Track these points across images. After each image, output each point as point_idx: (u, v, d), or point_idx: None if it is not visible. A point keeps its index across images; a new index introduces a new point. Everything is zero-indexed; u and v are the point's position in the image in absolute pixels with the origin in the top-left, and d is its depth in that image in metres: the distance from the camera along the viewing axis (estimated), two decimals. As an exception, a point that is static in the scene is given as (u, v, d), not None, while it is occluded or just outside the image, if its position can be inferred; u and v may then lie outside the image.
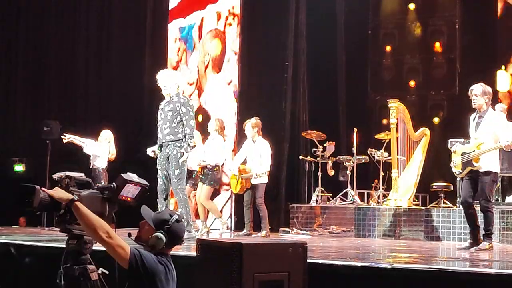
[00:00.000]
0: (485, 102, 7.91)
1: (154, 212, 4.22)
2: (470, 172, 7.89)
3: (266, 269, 4.26)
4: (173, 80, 8.60)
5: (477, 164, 7.81)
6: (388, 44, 14.40)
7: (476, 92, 7.90)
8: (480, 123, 7.92)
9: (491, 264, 6.64)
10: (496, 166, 7.93)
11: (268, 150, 10.51)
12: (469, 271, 5.43)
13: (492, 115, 7.97)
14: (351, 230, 10.84)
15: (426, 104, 13.87)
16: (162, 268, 4.01)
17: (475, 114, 8.03)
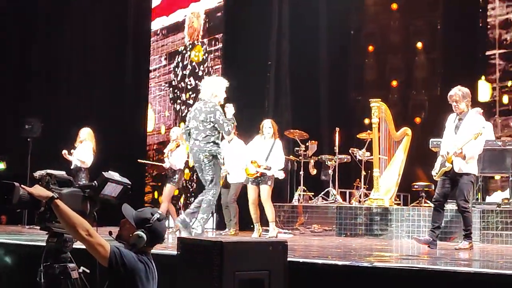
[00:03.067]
0: (466, 105, 7.96)
1: (135, 210, 4.21)
2: (448, 173, 7.93)
3: (247, 267, 4.26)
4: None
5: (449, 165, 7.85)
6: (371, 44, 14.46)
7: (456, 98, 7.92)
8: (460, 126, 7.96)
9: (471, 263, 6.68)
10: (475, 168, 7.98)
11: (243, 149, 10.54)
12: (449, 270, 5.46)
13: (472, 117, 8.00)
14: (333, 229, 10.87)
15: (408, 104, 13.95)
16: (142, 266, 4.00)
17: (454, 116, 8.06)
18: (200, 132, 8.29)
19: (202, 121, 8.30)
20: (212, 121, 8.24)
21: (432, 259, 6.91)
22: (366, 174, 11.88)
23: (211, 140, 8.25)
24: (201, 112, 8.34)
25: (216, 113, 8.26)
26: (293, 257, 5.78)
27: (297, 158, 12.18)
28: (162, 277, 4.25)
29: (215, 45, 14.12)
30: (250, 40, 13.50)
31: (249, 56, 13.40)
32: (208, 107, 8.32)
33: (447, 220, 9.61)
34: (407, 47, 14.19)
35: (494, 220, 9.59)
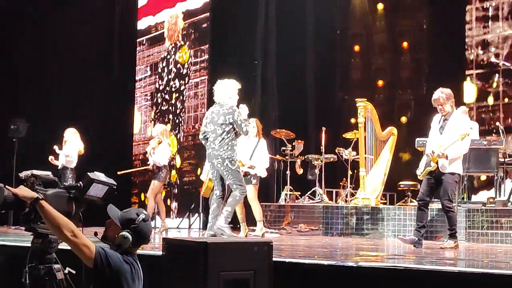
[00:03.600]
0: (451, 106, 8.00)
1: (121, 211, 4.21)
2: (433, 172, 7.97)
3: (232, 267, 4.27)
4: None
5: (434, 164, 7.89)
6: (357, 44, 14.50)
7: (441, 101, 7.95)
8: (445, 126, 7.99)
9: (456, 262, 6.71)
10: (459, 167, 8.02)
11: None
12: (434, 269, 5.49)
13: (457, 117, 8.04)
14: (319, 228, 10.89)
15: (393, 104, 14.01)
16: (128, 267, 4.00)
17: (440, 116, 8.10)
18: (217, 136, 8.37)
19: (221, 124, 8.36)
20: (231, 122, 8.32)
21: (418, 258, 6.94)
22: (353, 173, 11.91)
23: (225, 143, 8.35)
24: (219, 115, 8.40)
25: (234, 114, 8.37)
26: (279, 257, 5.80)
27: (284, 158, 12.19)
28: (147, 277, 4.25)
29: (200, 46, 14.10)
30: (236, 40, 13.50)
31: (235, 55, 13.40)
32: (225, 109, 8.40)
33: (433, 219, 9.65)
34: (393, 47, 14.24)
35: (479, 219, 9.64)
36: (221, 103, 8.49)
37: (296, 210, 11.37)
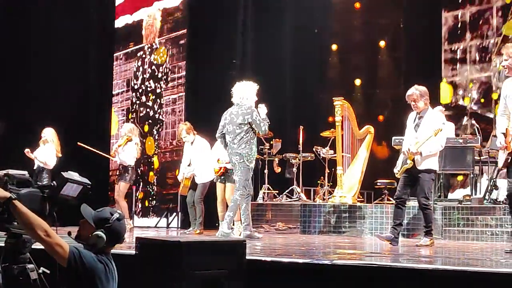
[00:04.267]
0: (424, 103, 8.05)
1: (94, 210, 4.19)
2: (410, 170, 8.02)
3: (205, 267, 4.27)
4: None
5: (410, 162, 7.95)
6: (334, 43, 14.54)
7: (414, 97, 8.02)
8: (420, 124, 8.05)
9: (432, 260, 6.75)
10: (435, 165, 8.07)
11: (204, 148, 10.55)
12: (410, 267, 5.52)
13: (432, 115, 8.09)
14: (297, 226, 10.92)
15: (371, 102, 14.06)
16: (102, 267, 3.99)
17: (414, 114, 8.16)
18: (236, 135, 8.63)
19: (240, 124, 8.64)
20: (249, 122, 8.58)
21: (394, 256, 6.98)
22: (330, 172, 11.96)
23: (244, 142, 8.62)
24: (238, 115, 8.67)
25: (253, 114, 8.64)
26: (255, 256, 5.82)
27: (262, 157, 12.21)
28: (122, 277, 4.25)
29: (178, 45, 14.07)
30: (214, 38, 13.48)
31: (213, 54, 13.38)
32: (244, 110, 8.68)
33: (410, 217, 9.72)
34: (370, 46, 14.31)
35: (455, 216, 9.72)
36: (239, 104, 8.78)
37: (274, 209, 11.39)
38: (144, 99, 14.60)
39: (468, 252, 7.57)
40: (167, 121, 14.08)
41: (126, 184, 11.03)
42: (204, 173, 10.53)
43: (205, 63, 13.42)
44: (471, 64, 13.20)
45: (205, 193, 10.67)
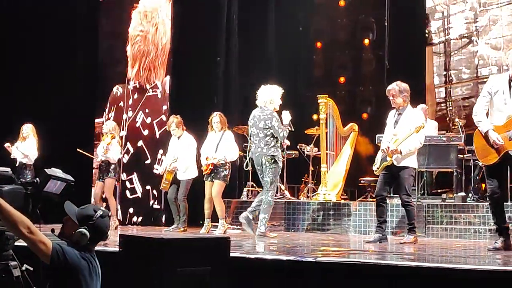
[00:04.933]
0: (403, 99, 8.08)
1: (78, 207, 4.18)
2: (389, 167, 8.05)
3: (189, 264, 4.26)
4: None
5: (390, 159, 7.97)
6: (319, 41, 14.56)
7: (393, 92, 8.07)
8: (399, 120, 8.09)
9: (416, 257, 6.78)
10: (413, 162, 8.10)
11: (191, 145, 10.54)
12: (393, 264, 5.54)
13: (411, 112, 8.12)
14: (281, 224, 10.92)
15: (355, 100, 14.09)
16: (85, 264, 3.98)
17: (394, 111, 8.21)
18: (261, 138, 8.84)
19: (262, 128, 8.84)
20: (269, 127, 8.78)
21: (378, 253, 7.00)
22: (314, 169, 11.98)
23: (271, 145, 8.81)
24: (260, 119, 8.88)
25: (273, 120, 8.82)
26: (239, 253, 5.81)
27: (246, 154, 12.19)
28: (105, 274, 4.23)
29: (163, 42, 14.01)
30: (199, 36, 13.44)
31: (197, 52, 13.34)
32: (265, 114, 8.88)
33: (393, 215, 9.75)
34: (354, 44, 14.34)
35: (439, 214, 9.76)
36: (262, 107, 8.98)
37: (259, 206, 11.38)
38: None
39: (451, 250, 7.61)
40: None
41: (113, 180, 11.04)
42: (189, 170, 10.51)
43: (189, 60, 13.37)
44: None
45: (188, 190, 10.64)
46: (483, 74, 12.62)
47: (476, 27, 12.92)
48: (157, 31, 13.91)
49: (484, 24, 12.84)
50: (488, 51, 12.70)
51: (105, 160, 10.95)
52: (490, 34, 12.74)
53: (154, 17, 13.97)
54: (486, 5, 12.84)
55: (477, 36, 12.88)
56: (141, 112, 13.80)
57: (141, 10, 14.18)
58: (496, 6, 12.73)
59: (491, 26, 12.76)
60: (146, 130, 13.47)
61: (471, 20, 13.04)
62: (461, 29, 13.15)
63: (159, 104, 13.49)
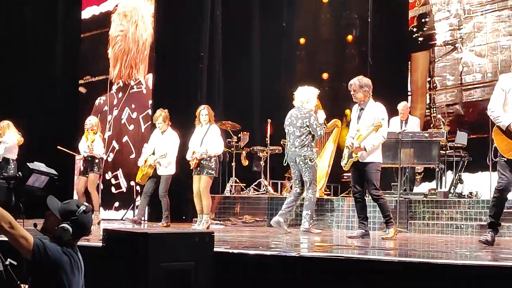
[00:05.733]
0: (364, 94, 8.13)
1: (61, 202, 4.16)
2: (355, 164, 8.10)
3: (173, 259, 4.25)
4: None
5: (356, 155, 8.01)
6: (302, 37, 14.56)
7: (354, 87, 8.16)
8: (361, 116, 8.13)
9: (398, 252, 6.81)
10: (378, 157, 8.14)
11: (175, 141, 10.52)
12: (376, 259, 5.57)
13: (372, 106, 8.17)
14: (264, 219, 10.94)
15: (338, 96, 14.10)
16: (67, 259, 3.96)
17: (356, 106, 8.26)
18: (296, 137, 9.07)
19: (300, 127, 9.05)
20: (307, 125, 8.99)
21: (360, 248, 7.04)
22: (297, 165, 11.97)
23: (305, 144, 9.03)
24: (297, 118, 9.09)
25: (311, 118, 9.05)
26: (222, 248, 5.82)
27: (229, 149, 12.21)
28: (89, 269, 4.22)
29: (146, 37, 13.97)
30: (182, 31, 13.42)
31: (181, 47, 13.32)
32: (303, 113, 9.09)
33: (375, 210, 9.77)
34: (338, 40, 14.35)
35: (421, 210, 9.81)
36: (299, 107, 9.17)
37: (241, 202, 11.40)
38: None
39: (433, 245, 7.65)
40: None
41: (97, 175, 11.01)
42: (170, 166, 10.48)
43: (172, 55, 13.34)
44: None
45: (168, 186, 10.57)
46: (467, 81, 12.67)
47: (461, 34, 12.99)
48: (137, 28, 13.90)
49: (469, 31, 12.92)
50: (472, 58, 12.79)
51: (88, 155, 10.91)
52: (475, 41, 12.81)
53: (133, 15, 13.96)
54: (470, 12, 12.90)
55: (462, 43, 12.96)
56: (126, 108, 13.78)
57: (120, 12, 14.20)
58: (480, 13, 12.80)
59: (475, 33, 12.83)
60: (132, 125, 13.47)
61: (455, 27, 13.11)
62: (445, 35, 13.22)
63: (144, 99, 13.51)
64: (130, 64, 13.95)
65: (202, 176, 9.61)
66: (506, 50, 12.31)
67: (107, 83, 14.14)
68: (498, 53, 12.41)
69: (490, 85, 11.91)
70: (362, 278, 5.26)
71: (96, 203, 10.97)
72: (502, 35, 12.43)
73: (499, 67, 12.34)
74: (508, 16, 12.38)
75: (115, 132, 13.39)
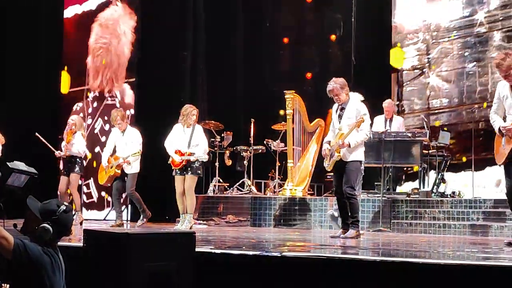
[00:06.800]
0: (346, 94, 8.16)
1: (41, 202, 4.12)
2: (337, 164, 8.10)
3: (154, 259, 4.22)
4: None
5: (338, 154, 8.01)
6: (286, 36, 14.56)
7: (336, 91, 8.13)
8: (342, 115, 8.14)
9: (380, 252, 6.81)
10: (360, 155, 8.14)
11: (139, 138, 10.43)
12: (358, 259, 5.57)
13: (353, 105, 8.17)
14: (248, 219, 10.94)
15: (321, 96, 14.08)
16: (48, 259, 3.93)
17: (336, 105, 8.25)
18: None
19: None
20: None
21: (343, 248, 7.04)
22: (281, 164, 11.99)
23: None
24: None
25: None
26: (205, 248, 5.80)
27: (213, 149, 12.18)
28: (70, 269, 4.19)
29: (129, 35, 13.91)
30: (165, 30, 13.38)
31: (164, 46, 13.27)
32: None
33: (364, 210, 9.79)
34: (321, 40, 14.35)
35: (403, 209, 9.84)
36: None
37: (225, 202, 11.39)
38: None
39: (416, 244, 7.66)
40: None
41: (78, 176, 10.93)
42: (135, 164, 10.36)
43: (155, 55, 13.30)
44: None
45: (135, 183, 10.44)
46: (435, 106, 12.73)
47: (428, 59, 13.10)
48: (119, 43, 13.89)
49: (436, 56, 13.02)
50: (439, 83, 12.89)
51: (69, 155, 10.82)
52: (442, 66, 12.93)
53: (115, 29, 13.95)
54: (438, 37, 13.01)
55: (429, 67, 13.06)
56: (100, 119, 13.80)
57: (102, 22, 14.17)
58: (447, 39, 12.91)
59: (442, 58, 12.95)
60: (104, 137, 13.43)
61: (423, 52, 13.21)
62: (413, 60, 13.33)
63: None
64: (111, 77, 13.96)
65: (188, 175, 9.51)
66: (471, 76, 12.45)
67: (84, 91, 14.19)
68: (465, 79, 12.56)
69: (456, 110, 12.04)
70: (344, 278, 5.25)
71: (77, 203, 10.90)
72: (468, 61, 12.59)
73: (465, 92, 12.48)
74: (474, 43, 12.55)
75: (88, 141, 13.30)
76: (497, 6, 12.29)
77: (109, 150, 10.58)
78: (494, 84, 11.36)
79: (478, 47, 12.45)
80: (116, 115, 10.53)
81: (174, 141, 9.65)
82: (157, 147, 10.38)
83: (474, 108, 12.26)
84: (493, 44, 12.27)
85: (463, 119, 12.46)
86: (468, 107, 12.39)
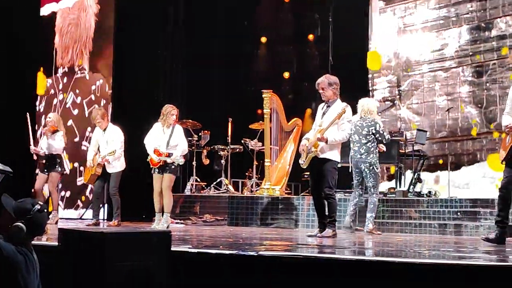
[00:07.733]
0: (333, 92, 8.16)
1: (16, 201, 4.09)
2: (313, 162, 8.11)
3: (130, 258, 4.20)
4: None
5: (315, 149, 8.01)
6: (264, 36, 14.58)
7: (323, 85, 8.16)
8: (326, 112, 8.16)
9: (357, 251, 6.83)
10: (335, 155, 8.16)
11: (120, 136, 10.38)
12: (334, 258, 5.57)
13: (339, 105, 8.19)
14: (225, 218, 10.93)
15: (299, 95, 14.15)
16: (22, 258, 3.90)
17: (323, 104, 8.28)
18: (362, 145, 9.39)
19: (365, 135, 9.39)
20: (373, 133, 9.38)
21: (319, 247, 7.04)
22: (258, 164, 12.01)
23: (371, 151, 9.35)
24: (362, 127, 9.45)
25: (376, 126, 9.46)
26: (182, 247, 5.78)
27: (190, 148, 12.15)
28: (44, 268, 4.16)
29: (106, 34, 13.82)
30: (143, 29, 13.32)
31: (142, 45, 13.21)
32: (368, 122, 9.46)
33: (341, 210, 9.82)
34: (299, 39, 14.39)
35: (380, 209, 9.88)
36: (363, 117, 9.53)
37: (202, 201, 11.38)
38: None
39: (392, 244, 7.69)
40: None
41: (58, 174, 10.84)
42: (119, 162, 10.32)
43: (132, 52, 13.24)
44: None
45: (119, 183, 10.40)
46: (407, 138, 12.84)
47: (399, 91, 13.18)
48: (87, 16, 13.86)
49: (407, 89, 13.12)
50: (410, 115, 12.99)
51: (48, 153, 10.75)
52: (412, 99, 13.02)
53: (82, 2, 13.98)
54: (408, 70, 13.10)
55: (400, 100, 13.16)
56: (71, 93, 13.78)
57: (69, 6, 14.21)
58: (418, 72, 13.04)
59: (413, 91, 13.05)
60: (76, 110, 13.52)
61: (394, 84, 13.30)
62: (384, 92, 13.42)
63: (88, 84, 13.50)
64: (81, 50, 13.92)
65: (165, 174, 9.49)
66: (441, 109, 12.55)
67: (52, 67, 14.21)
68: (435, 113, 12.71)
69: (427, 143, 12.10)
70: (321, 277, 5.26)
71: (55, 202, 10.83)
72: (438, 95, 12.67)
73: (435, 125, 12.56)
74: (444, 77, 12.69)
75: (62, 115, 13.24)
76: (467, 41, 12.44)
77: (93, 149, 10.53)
78: (465, 119, 11.60)
79: (448, 81, 12.57)
80: (96, 114, 10.49)
81: (152, 140, 9.62)
82: (133, 144, 10.36)
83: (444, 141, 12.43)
84: (461, 79, 12.42)
85: (434, 152, 12.56)
86: (439, 140, 12.52)
